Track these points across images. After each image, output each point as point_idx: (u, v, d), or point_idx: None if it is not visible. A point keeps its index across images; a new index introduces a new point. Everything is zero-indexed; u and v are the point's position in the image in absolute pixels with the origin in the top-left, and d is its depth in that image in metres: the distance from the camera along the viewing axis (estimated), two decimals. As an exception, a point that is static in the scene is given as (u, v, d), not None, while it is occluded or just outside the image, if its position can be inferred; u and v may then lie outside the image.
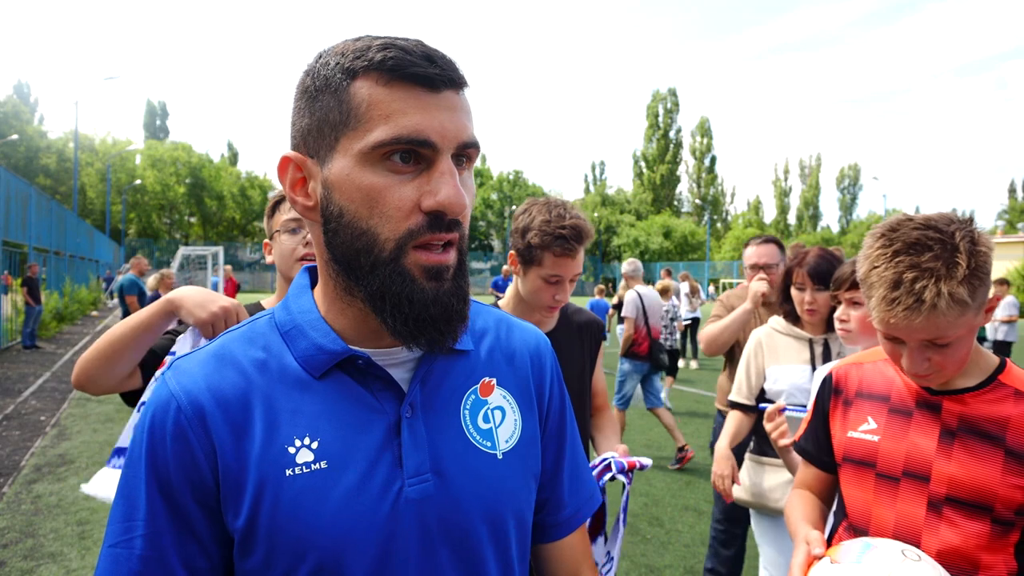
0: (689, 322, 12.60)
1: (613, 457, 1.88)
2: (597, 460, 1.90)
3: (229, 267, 16.72)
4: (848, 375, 1.46)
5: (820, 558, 1.17)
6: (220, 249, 15.00)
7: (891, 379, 1.38)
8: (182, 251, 15.11)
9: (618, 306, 8.31)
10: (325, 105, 0.74)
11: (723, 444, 2.50)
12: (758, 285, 2.98)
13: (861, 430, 1.36)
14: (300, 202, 0.79)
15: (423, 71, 0.73)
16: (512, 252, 1.95)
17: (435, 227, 0.74)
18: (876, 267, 1.20)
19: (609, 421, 2.16)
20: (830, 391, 1.48)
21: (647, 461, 1.90)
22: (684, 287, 12.94)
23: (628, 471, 1.85)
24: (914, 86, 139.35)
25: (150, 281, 8.41)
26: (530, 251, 1.86)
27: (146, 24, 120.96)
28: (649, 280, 18.82)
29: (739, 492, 2.53)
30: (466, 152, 0.77)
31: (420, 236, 0.74)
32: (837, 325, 2.00)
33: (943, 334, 1.17)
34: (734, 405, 2.57)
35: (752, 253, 3.12)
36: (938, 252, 1.15)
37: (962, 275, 1.13)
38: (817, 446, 1.49)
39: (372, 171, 0.73)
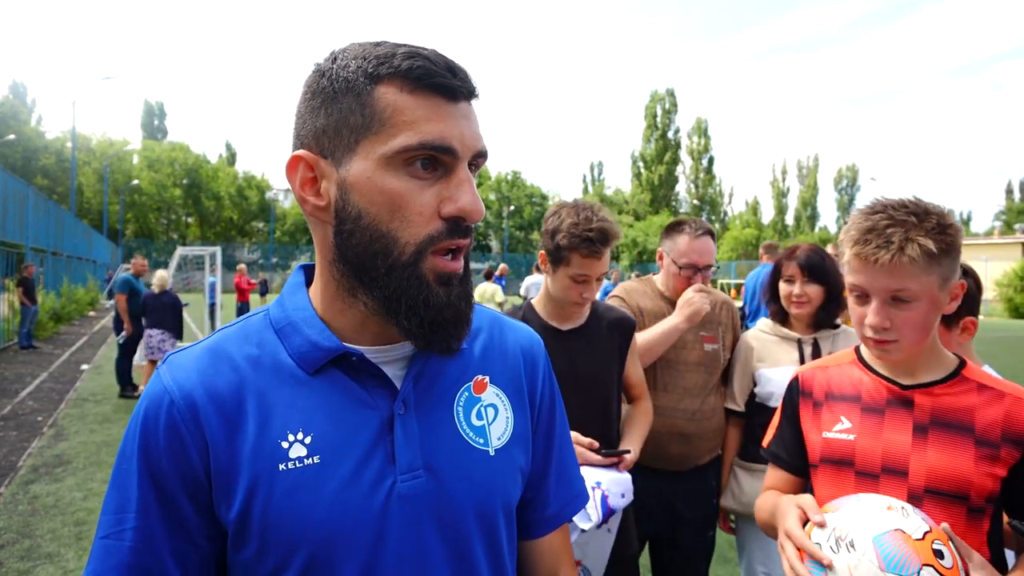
0: None
1: (597, 485, 1.79)
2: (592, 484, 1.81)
3: (244, 266, 16.58)
4: (815, 378, 1.48)
5: (819, 524, 1.14)
6: (218, 249, 14.89)
7: (859, 379, 1.41)
8: (179, 251, 14.99)
9: None
10: (345, 107, 0.75)
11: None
12: (701, 301, 2.27)
13: (836, 430, 1.38)
14: (311, 201, 0.79)
15: (447, 82, 0.75)
16: (542, 252, 2.04)
17: (454, 233, 0.76)
18: (854, 223, 1.29)
19: (641, 413, 2.16)
20: (798, 394, 1.50)
21: (618, 502, 1.79)
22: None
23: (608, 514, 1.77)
24: (911, 87, 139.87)
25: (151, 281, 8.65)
26: (559, 252, 1.94)
27: (143, 24, 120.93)
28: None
29: (727, 500, 2.46)
30: (476, 161, 0.79)
31: (440, 241, 0.76)
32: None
33: (907, 285, 1.23)
34: (728, 413, 2.48)
35: (689, 248, 2.33)
36: (912, 209, 1.25)
37: (932, 227, 1.21)
38: (787, 450, 1.50)
39: (395, 175, 0.74)
